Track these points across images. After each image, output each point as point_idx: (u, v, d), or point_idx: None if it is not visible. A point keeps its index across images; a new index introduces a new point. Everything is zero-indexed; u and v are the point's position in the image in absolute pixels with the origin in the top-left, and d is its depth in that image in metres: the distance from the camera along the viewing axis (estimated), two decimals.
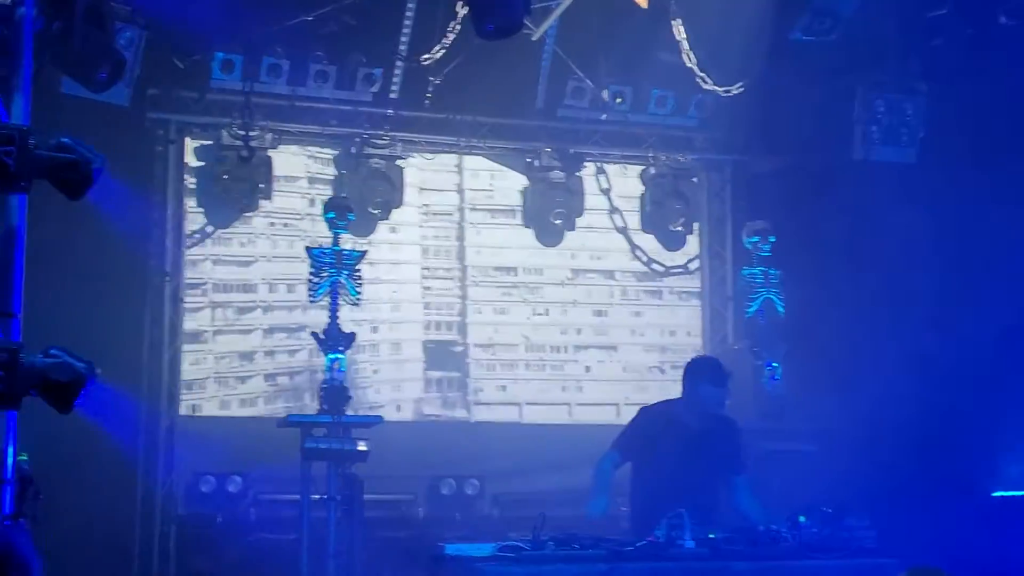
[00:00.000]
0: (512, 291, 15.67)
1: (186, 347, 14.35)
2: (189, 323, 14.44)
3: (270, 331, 14.83)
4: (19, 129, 6.40)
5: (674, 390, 10.53)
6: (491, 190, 15.79)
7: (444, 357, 15.41)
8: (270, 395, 14.72)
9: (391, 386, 15.04)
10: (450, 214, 15.60)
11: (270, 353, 14.81)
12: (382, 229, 15.07)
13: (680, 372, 10.42)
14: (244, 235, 14.77)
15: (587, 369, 15.79)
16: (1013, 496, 12.62)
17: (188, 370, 14.38)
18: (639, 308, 16.10)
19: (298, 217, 14.94)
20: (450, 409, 15.35)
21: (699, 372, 10.25)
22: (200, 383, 14.46)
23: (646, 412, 10.56)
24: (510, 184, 15.80)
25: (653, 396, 14.31)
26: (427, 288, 15.41)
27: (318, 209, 14.29)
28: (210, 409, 14.47)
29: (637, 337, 16.04)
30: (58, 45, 9.88)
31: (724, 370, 10.46)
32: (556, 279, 15.85)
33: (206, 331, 14.58)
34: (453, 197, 15.64)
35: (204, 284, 14.58)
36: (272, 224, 14.84)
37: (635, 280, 16.10)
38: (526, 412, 15.52)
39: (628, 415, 11.77)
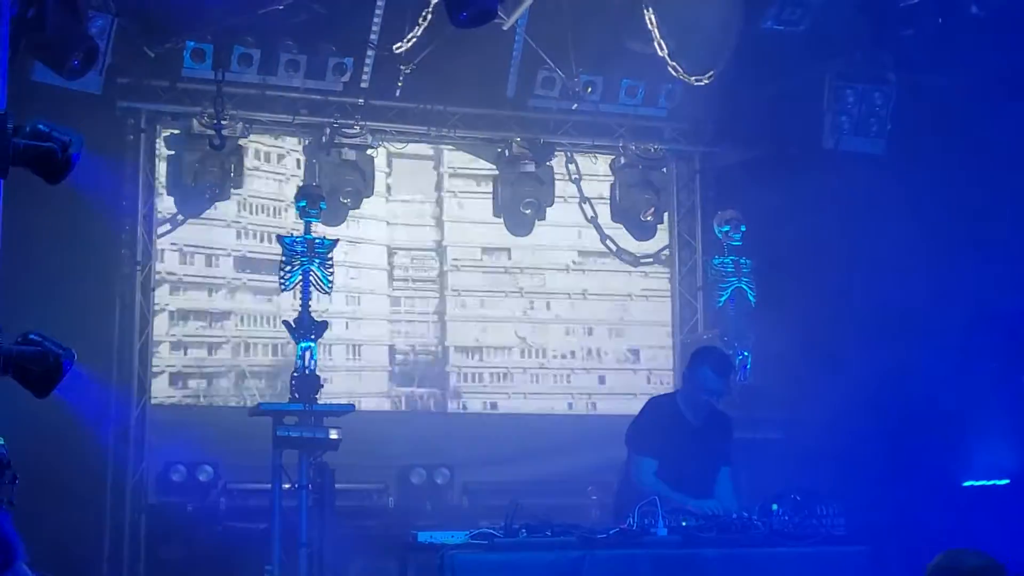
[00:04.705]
0: (501, 279, 15.59)
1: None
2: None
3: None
4: None
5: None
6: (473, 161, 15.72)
7: (416, 364, 15.29)
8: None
9: (344, 399, 14.22)
10: (425, 198, 15.57)
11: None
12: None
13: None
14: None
15: (601, 380, 15.63)
16: (983, 486, 12.68)
17: None
18: (618, 299, 16.10)
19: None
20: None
21: (703, 356, 10.37)
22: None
23: (654, 403, 10.69)
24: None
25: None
26: (396, 277, 15.39)
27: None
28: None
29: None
30: (31, 31, 9.85)
31: (729, 361, 10.58)
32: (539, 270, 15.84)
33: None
34: (429, 177, 15.61)
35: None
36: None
37: (607, 270, 16.10)
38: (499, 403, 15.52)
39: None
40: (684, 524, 9.06)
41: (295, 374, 12.50)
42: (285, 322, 12.76)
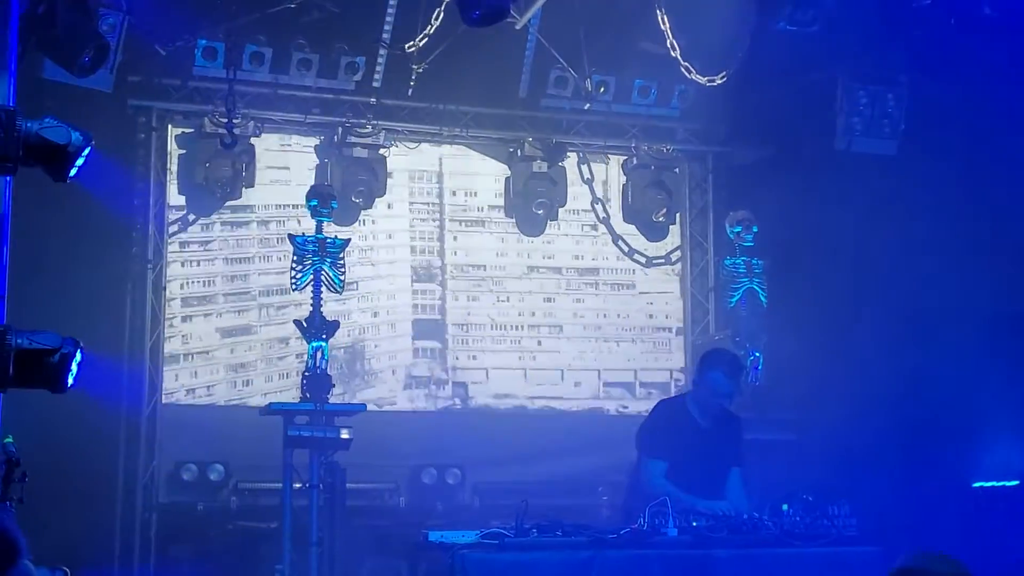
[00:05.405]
0: (480, 283, 15.85)
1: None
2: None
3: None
4: (5, 110, 6.38)
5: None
6: (466, 205, 15.91)
7: (428, 330, 15.58)
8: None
9: (388, 355, 15.30)
10: (433, 218, 15.71)
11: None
12: (379, 230, 15.32)
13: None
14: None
15: (539, 343, 15.94)
16: (993, 487, 12.66)
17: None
18: (625, 298, 16.13)
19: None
20: (435, 374, 15.54)
21: (714, 360, 10.33)
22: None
23: (664, 405, 10.74)
24: (483, 200, 15.90)
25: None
26: (416, 280, 15.52)
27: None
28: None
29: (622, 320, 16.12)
30: (42, 28, 9.87)
31: (739, 364, 10.55)
32: (546, 265, 16.01)
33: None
34: (435, 201, 15.72)
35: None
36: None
37: (618, 270, 16.09)
38: (508, 400, 15.55)
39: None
40: (695, 525, 9.04)
41: (306, 373, 12.47)
42: (296, 322, 12.75)
